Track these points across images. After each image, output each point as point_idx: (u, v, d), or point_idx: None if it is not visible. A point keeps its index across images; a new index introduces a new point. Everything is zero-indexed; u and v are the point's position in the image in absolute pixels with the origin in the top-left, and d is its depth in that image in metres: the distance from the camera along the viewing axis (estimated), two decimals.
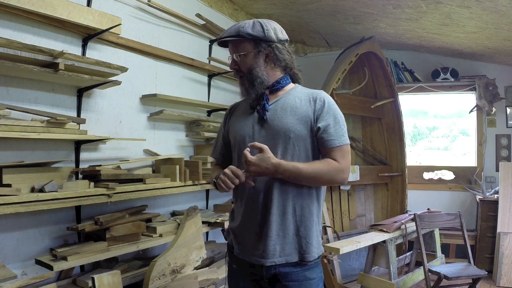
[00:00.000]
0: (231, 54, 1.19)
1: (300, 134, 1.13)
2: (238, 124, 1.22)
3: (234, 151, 1.23)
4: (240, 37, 1.15)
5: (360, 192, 3.68)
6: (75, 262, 1.58)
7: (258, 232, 1.14)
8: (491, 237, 3.18)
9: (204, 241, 2.12)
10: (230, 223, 1.26)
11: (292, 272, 1.13)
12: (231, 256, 1.25)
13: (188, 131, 2.51)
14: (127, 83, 1.97)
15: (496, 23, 2.65)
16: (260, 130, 1.16)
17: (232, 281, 1.26)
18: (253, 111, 1.19)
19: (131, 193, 1.83)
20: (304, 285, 1.14)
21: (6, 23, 1.53)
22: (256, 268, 1.15)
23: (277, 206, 1.12)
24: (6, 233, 1.54)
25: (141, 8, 2.18)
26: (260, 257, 1.13)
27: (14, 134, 1.43)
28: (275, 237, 1.12)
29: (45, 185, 1.50)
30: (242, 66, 1.17)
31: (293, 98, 1.18)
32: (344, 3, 2.76)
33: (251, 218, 1.15)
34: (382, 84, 3.61)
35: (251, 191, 1.15)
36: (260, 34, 1.15)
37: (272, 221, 1.12)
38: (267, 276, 1.14)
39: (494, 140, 3.61)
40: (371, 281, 2.47)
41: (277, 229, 1.12)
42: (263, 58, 1.16)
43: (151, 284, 1.73)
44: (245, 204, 1.17)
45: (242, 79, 1.19)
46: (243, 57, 1.16)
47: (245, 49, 1.16)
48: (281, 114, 1.15)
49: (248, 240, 1.16)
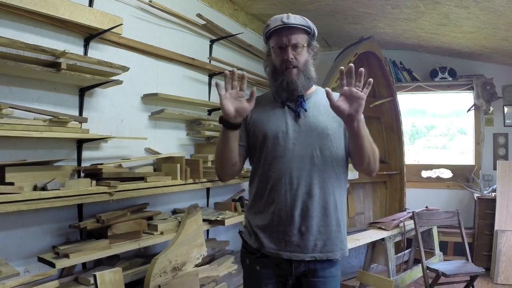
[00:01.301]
0: (286, 44, 1.12)
1: (336, 131, 1.15)
2: (268, 119, 1.17)
3: (262, 146, 1.17)
4: (309, 28, 1.14)
5: (359, 190, 3.70)
6: (77, 260, 1.59)
7: (299, 227, 1.11)
8: (489, 234, 3.20)
9: (205, 239, 2.14)
10: (254, 220, 1.19)
11: (321, 268, 1.14)
12: (252, 258, 1.19)
13: (189, 130, 2.52)
14: (128, 82, 1.98)
15: (493, 23, 2.67)
16: (295, 127, 1.15)
17: (252, 284, 1.21)
18: (283, 106, 1.17)
19: (133, 191, 1.84)
20: (329, 281, 1.15)
21: (8, 23, 1.53)
22: (284, 266, 1.14)
23: (318, 202, 1.12)
24: (9, 231, 1.55)
25: (142, 8, 2.19)
26: (299, 252, 1.11)
27: (17, 133, 1.44)
28: (316, 232, 1.12)
29: (48, 183, 1.51)
30: (299, 58, 1.13)
31: (323, 97, 1.16)
32: (343, 3, 2.78)
33: (288, 214, 1.12)
34: (381, 84, 3.63)
35: (287, 186, 1.11)
36: (315, 30, 1.17)
37: (314, 216, 1.11)
38: (296, 274, 1.14)
39: (492, 138, 3.64)
40: (370, 278, 2.49)
41: (319, 225, 1.12)
42: (312, 55, 1.18)
43: (152, 281, 1.74)
44: (279, 198, 1.13)
45: (294, 71, 1.13)
46: (301, 50, 1.13)
47: (305, 42, 1.14)
48: (316, 112, 1.17)
49: (284, 235, 1.12)
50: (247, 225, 1.23)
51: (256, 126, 1.19)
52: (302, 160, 1.13)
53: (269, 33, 1.16)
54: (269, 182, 1.14)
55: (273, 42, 1.15)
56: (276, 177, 1.13)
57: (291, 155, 1.13)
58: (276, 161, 1.13)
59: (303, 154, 1.13)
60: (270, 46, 1.18)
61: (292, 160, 1.13)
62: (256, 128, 1.19)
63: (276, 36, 1.14)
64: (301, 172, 1.12)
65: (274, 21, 1.15)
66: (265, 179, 1.15)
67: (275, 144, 1.14)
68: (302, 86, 1.14)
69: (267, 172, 1.15)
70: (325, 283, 1.14)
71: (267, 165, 1.15)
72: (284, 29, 1.12)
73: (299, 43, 1.13)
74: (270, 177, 1.14)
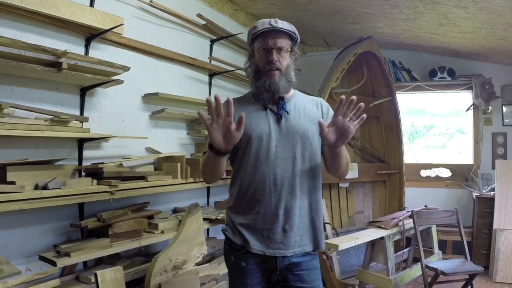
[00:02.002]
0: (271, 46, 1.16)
1: (315, 134, 1.21)
2: (251, 122, 1.20)
3: (246, 148, 1.20)
4: (294, 34, 1.19)
5: (359, 189, 3.71)
6: (78, 258, 1.60)
7: (282, 226, 1.17)
8: (488, 233, 3.21)
9: (205, 238, 2.15)
10: (237, 219, 1.22)
11: (304, 261, 1.20)
12: (237, 255, 1.22)
13: (189, 129, 2.53)
14: (129, 82, 1.99)
15: (492, 23, 2.68)
16: (277, 129, 1.20)
17: (238, 280, 1.24)
18: (265, 109, 1.21)
19: (133, 191, 1.86)
20: (313, 273, 1.23)
21: (10, 23, 1.54)
22: (269, 261, 1.19)
23: (300, 201, 1.19)
24: (10, 229, 1.56)
25: (143, 9, 2.20)
26: (283, 249, 1.18)
27: (18, 132, 1.45)
28: (296, 228, 1.19)
29: (49, 182, 1.52)
30: (282, 61, 1.18)
31: (301, 101, 1.26)
32: (343, 3, 2.79)
33: (273, 213, 1.17)
34: (380, 83, 3.64)
35: (271, 187, 1.17)
36: (298, 37, 1.21)
37: (295, 214, 1.18)
38: (280, 268, 1.19)
39: (490, 138, 3.65)
40: (369, 277, 2.50)
41: (298, 221, 1.19)
42: (293, 60, 1.22)
43: (153, 280, 1.75)
44: (263, 198, 1.17)
45: (277, 73, 1.17)
46: (285, 53, 1.18)
47: (289, 46, 1.20)
48: (296, 115, 1.22)
49: (269, 233, 1.18)
50: (230, 223, 1.26)
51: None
52: (285, 162, 1.18)
53: (255, 35, 1.19)
54: (253, 182, 1.18)
55: (259, 43, 1.19)
56: (260, 178, 1.17)
57: (274, 156, 1.18)
58: (260, 163, 1.18)
59: (285, 155, 1.18)
60: (255, 47, 1.22)
61: (276, 161, 1.17)
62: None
63: (262, 38, 1.18)
64: (284, 173, 1.17)
65: (262, 24, 1.19)
66: (248, 180, 1.19)
67: (259, 146, 1.18)
68: (283, 88, 1.18)
69: (251, 173, 1.19)
70: (309, 274, 1.21)
71: (251, 167, 1.19)
72: (271, 32, 1.17)
73: (284, 47, 1.18)
74: (254, 178, 1.18)
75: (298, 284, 1.19)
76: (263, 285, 1.23)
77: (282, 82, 1.18)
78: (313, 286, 1.21)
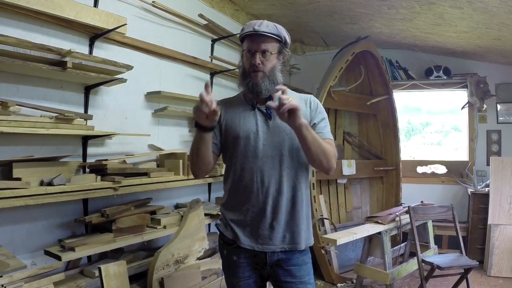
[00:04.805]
0: (255, 49, 1.18)
1: None
2: (239, 121, 1.24)
3: (234, 146, 1.23)
4: (279, 37, 1.19)
5: (356, 185, 3.76)
6: (83, 253, 1.63)
7: (270, 222, 1.20)
8: (482, 228, 3.25)
9: (206, 233, 2.17)
10: (228, 215, 1.27)
11: (293, 257, 1.23)
12: (229, 249, 1.27)
13: (191, 126, 2.56)
14: (132, 80, 2.01)
15: (487, 23, 2.71)
16: (264, 128, 1.22)
17: (231, 273, 1.29)
18: (253, 109, 1.24)
19: (136, 187, 1.88)
20: (303, 268, 1.25)
21: (16, 23, 1.57)
22: (259, 256, 1.22)
23: (287, 198, 1.21)
24: (16, 225, 1.58)
25: (146, 9, 2.22)
26: (271, 244, 1.21)
27: (24, 130, 1.47)
28: (284, 225, 1.21)
29: (54, 178, 1.54)
30: (266, 63, 1.19)
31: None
32: (341, 4, 2.82)
33: (261, 210, 1.20)
34: (378, 82, 3.69)
35: (259, 184, 1.20)
36: (287, 39, 1.23)
37: (282, 211, 1.21)
38: (270, 263, 1.22)
39: (485, 135, 3.69)
40: (366, 271, 2.54)
41: (286, 218, 1.21)
42: (281, 61, 1.23)
43: (155, 274, 1.78)
44: (251, 196, 1.21)
45: (259, 74, 1.19)
46: (269, 56, 1.19)
47: (274, 49, 1.20)
48: None
49: (257, 229, 1.21)
50: (223, 218, 1.31)
51: (229, 127, 1.26)
52: (272, 160, 1.21)
53: (241, 37, 1.23)
54: (242, 180, 1.22)
55: (245, 45, 1.22)
56: (248, 176, 1.21)
57: (262, 155, 1.20)
58: (247, 161, 1.21)
59: (272, 154, 1.21)
60: (243, 48, 1.25)
61: (263, 159, 1.20)
62: (229, 129, 1.26)
63: (248, 40, 1.21)
64: (271, 171, 1.20)
65: (247, 27, 1.21)
66: (238, 178, 1.23)
67: (246, 144, 1.21)
68: (266, 89, 1.19)
69: (240, 171, 1.23)
70: (299, 270, 1.24)
71: (239, 165, 1.23)
72: (256, 35, 1.18)
73: (268, 50, 1.18)
74: (243, 176, 1.22)
75: (288, 279, 1.22)
76: (255, 278, 1.27)
77: (265, 83, 1.19)
78: (303, 281, 1.23)
